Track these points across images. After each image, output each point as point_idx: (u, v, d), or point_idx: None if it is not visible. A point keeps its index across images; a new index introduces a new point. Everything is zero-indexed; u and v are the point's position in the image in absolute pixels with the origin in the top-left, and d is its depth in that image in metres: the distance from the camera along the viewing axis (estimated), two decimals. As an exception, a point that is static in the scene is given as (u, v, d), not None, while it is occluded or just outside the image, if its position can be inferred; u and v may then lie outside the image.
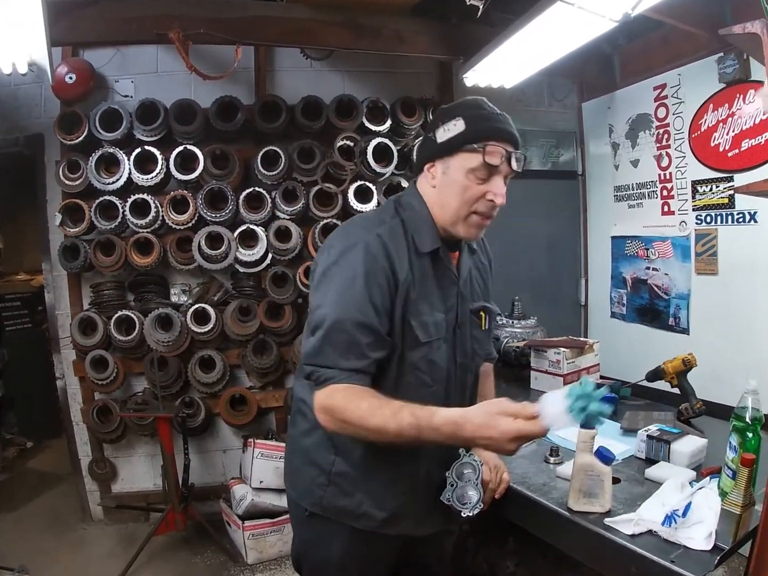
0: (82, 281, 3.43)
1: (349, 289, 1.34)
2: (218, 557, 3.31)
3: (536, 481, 1.81)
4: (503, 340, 2.96)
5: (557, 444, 1.99)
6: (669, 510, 1.43)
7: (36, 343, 4.60)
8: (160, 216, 3.20)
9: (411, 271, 1.42)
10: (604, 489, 1.56)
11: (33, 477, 4.36)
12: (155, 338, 3.17)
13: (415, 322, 1.43)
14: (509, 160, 1.40)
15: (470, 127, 1.37)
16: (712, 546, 1.36)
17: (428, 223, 1.47)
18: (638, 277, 3.55)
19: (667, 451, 1.81)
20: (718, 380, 2.72)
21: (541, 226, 3.94)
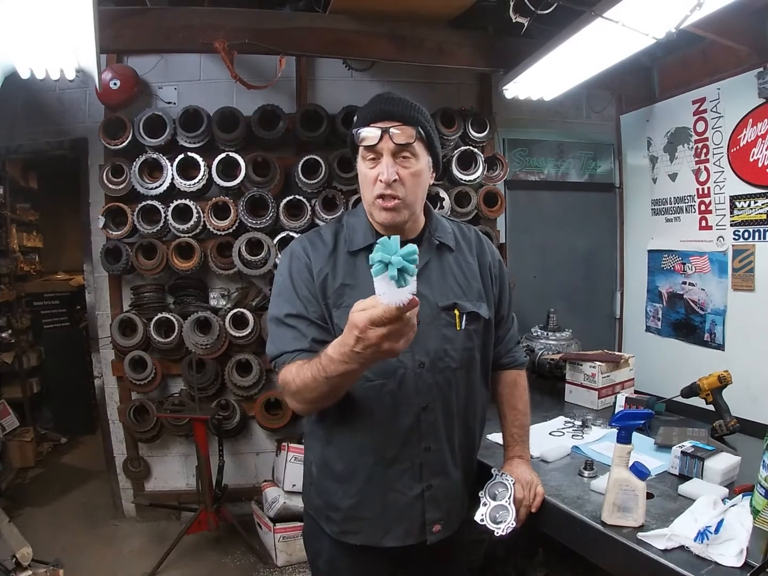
0: (122, 283, 3.51)
1: (281, 290, 1.52)
2: (248, 558, 3.35)
3: (570, 494, 1.82)
4: (538, 352, 2.97)
5: (592, 458, 1.99)
6: (702, 526, 1.43)
7: (73, 342, 4.72)
8: (202, 221, 3.25)
9: (330, 266, 1.51)
10: (638, 503, 1.56)
11: (67, 472, 4.45)
12: (194, 341, 3.22)
13: (337, 312, 1.48)
14: (389, 135, 1.42)
15: (356, 119, 1.47)
16: (743, 563, 1.36)
17: (363, 222, 1.56)
18: (674, 291, 3.53)
19: (701, 468, 1.81)
20: (753, 398, 2.70)
21: (577, 238, 3.93)
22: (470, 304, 1.58)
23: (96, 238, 3.46)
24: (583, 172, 3.98)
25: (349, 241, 1.54)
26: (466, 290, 1.60)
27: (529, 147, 3.89)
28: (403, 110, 1.43)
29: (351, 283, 1.50)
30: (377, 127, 1.41)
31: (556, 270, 3.87)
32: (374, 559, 1.62)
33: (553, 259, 3.84)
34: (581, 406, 2.63)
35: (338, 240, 1.55)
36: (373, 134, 1.41)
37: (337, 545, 1.60)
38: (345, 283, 1.50)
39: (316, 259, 1.51)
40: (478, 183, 3.53)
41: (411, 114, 1.44)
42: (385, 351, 1.16)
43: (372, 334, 1.14)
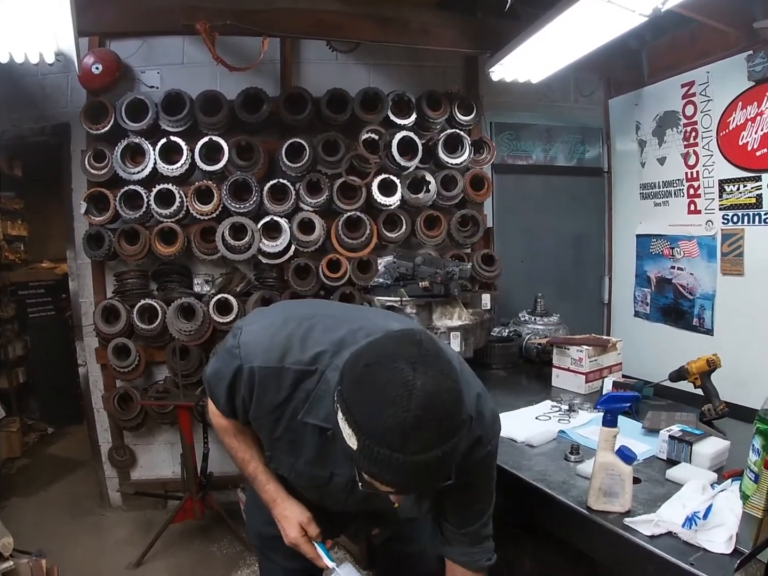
0: (105, 270, 3.46)
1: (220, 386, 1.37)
2: (234, 546, 3.33)
3: (556, 478, 1.80)
4: (525, 337, 2.95)
5: (578, 442, 1.97)
6: (689, 512, 1.41)
7: (59, 331, 4.67)
8: (185, 206, 3.20)
9: (273, 419, 1.32)
10: (625, 488, 1.54)
11: (53, 462, 4.42)
12: (177, 327, 3.18)
13: (268, 454, 1.43)
14: None
15: (360, 456, 1.04)
16: (732, 550, 1.34)
17: (332, 403, 1.16)
18: (663, 276, 3.52)
19: (689, 453, 1.79)
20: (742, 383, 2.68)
21: (565, 222, 3.92)
22: (408, 504, 1.36)
23: (79, 225, 3.41)
24: (571, 156, 3.96)
25: (310, 407, 1.27)
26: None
27: (516, 131, 3.86)
28: (437, 479, 1.09)
29: (291, 439, 1.34)
30: (398, 492, 1.14)
31: (544, 254, 3.86)
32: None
33: (540, 244, 3.83)
34: (568, 391, 2.61)
35: (297, 390, 1.27)
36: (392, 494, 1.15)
37: None
38: (283, 437, 1.34)
39: (258, 405, 1.31)
40: (465, 166, 3.49)
41: (449, 475, 1.11)
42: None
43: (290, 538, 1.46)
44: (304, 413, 1.27)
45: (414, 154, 3.32)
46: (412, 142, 3.30)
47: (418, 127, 3.42)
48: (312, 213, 3.25)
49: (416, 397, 0.98)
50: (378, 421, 0.99)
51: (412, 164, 3.31)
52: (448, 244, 3.59)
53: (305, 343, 1.28)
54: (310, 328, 1.29)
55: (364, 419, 1.02)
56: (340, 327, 1.31)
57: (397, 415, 0.98)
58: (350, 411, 1.04)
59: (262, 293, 3.23)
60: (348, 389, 1.06)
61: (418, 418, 0.98)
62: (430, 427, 1.00)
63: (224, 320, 3.18)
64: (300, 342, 1.28)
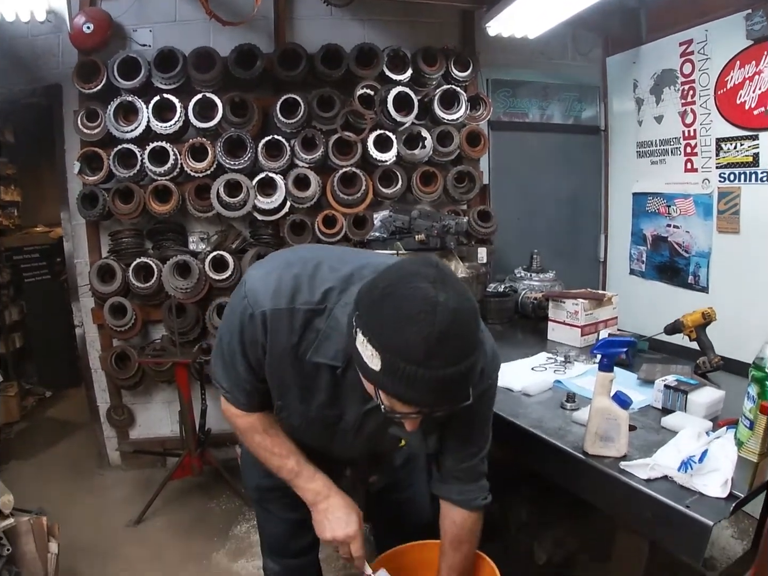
0: (100, 230, 3.44)
1: (227, 354, 1.35)
2: (233, 502, 3.37)
3: (552, 425, 1.82)
4: (521, 293, 2.95)
5: (574, 391, 1.99)
6: (685, 456, 1.43)
7: (54, 295, 4.66)
8: (179, 164, 3.18)
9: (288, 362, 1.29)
10: (621, 433, 1.56)
11: (52, 425, 4.45)
12: (173, 285, 3.17)
13: (279, 403, 1.39)
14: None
15: (383, 376, 1.05)
16: (728, 494, 1.37)
17: (340, 340, 1.22)
18: (659, 234, 3.52)
19: (684, 402, 1.81)
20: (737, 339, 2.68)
21: (561, 180, 3.90)
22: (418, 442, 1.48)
23: (72, 185, 3.39)
24: (568, 114, 3.92)
25: (317, 346, 1.26)
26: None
27: (513, 88, 3.81)
28: (462, 394, 1.09)
29: (303, 385, 1.33)
30: (419, 413, 1.13)
31: (540, 212, 3.85)
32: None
33: (537, 202, 3.82)
34: (564, 344, 2.63)
35: (308, 330, 1.26)
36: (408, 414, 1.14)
37: None
38: (296, 384, 1.33)
39: (273, 350, 1.28)
40: (461, 122, 3.46)
41: (468, 393, 1.11)
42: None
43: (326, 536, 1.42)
44: (312, 352, 1.26)
45: (410, 109, 3.29)
46: (408, 98, 3.26)
47: (413, 83, 3.38)
48: (307, 169, 3.23)
49: (440, 313, 0.99)
50: (403, 337, 1.00)
51: (407, 120, 3.28)
52: (444, 201, 3.58)
53: (313, 283, 1.26)
54: (316, 268, 1.28)
55: (388, 336, 1.02)
56: (346, 265, 1.30)
57: (423, 330, 0.98)
58: (372, 331, 1.04)
59: (258, 250, 3.22)
60: (368, 311, 1.07)
61: (443, 333, 0.99)
62: (454, 341, 1.01)
63: (220, 277, 3.18)
64: (308, 282, 1.26)
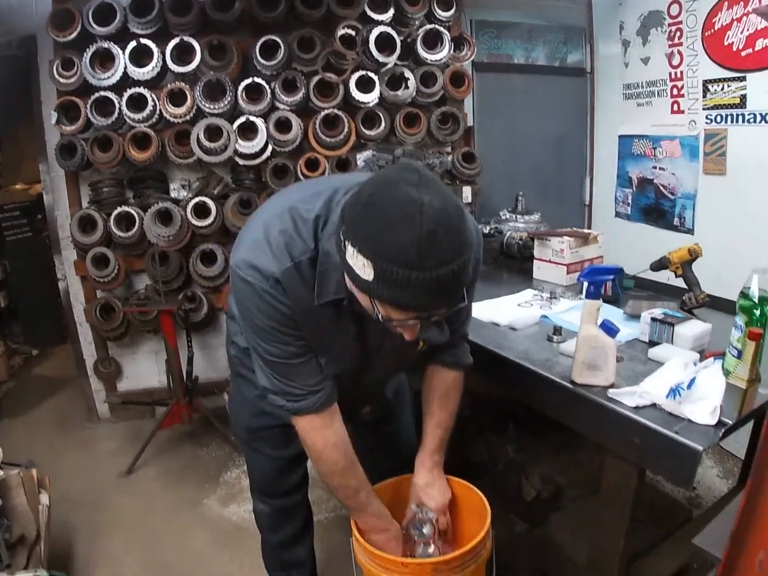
0: (80, 180, 3.38)
1: (264, 332, 1.30)
2: (223, 449, 3.39)
3: (539, 357, 1.82)
4: (506, 233, 2.93)
5: (560, 325, 1.99)
6: (673, 384, 1.42)
7: (37, 252, 4.59)
8: (158, 110, 3.10)
9: (312, 313, 1.28)
10: (608, 362, 1.55)
11: (40, 383, 4.43)
12: (155, 233, 3.14)
13: (323, 360, 1.39)
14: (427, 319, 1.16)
15: (376, 284, 1.04)
16: (717, 421, 1.37)
17: (338, 271, 1.20)
18: (644, 176, 3.50)
19: (671, 334, 1.81)
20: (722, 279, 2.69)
21: (546, 123, 3.86)
22: (436, 334, 1.46)
23: (50, 137, 3.31)
24: (553, 56, 3.87)
25: (319, 289, 1.25)
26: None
27: (497, 29, 3.74)
28: (457, 294, 1.10)
29: (333, 329, 1.34)
30: (417, 318, 1.13)
31: (525, 155, 3.82)
32: None
33: (522, 144, 3.78)
34: (549, 282, 2.62)
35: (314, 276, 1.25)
36: (406, 322, 1.14)
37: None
38: (328, 331, 1.33)
39: (300, 309, 1.27)
40: (444, 63, 3.39)
41: (463, 294, 1.12)
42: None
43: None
44: (317, 296, 1.25)
45: (392, 50, 3.22)
46: (390, 38, 3.19)
47: (396, 23, 3.30)
48: (288, 112, 3.17)
49: (426, 213, 0.98)
50: (392, 241, 0.99)
51: (390, 60, 3.21)
52: (428, 142, 3.53)
53: (299, 229, 1.23)
54: (294, 216, 1.25)
55: (378, 243, 1.01)
56: (318, 198, 1.27)
57: (412, 232, 0.98)
58: (361, 241, 1.03)
59: (240, 195, 3.18)
60: (354, 222, 1.05)
61: (431, 233, 0.98)
62: (444, 240, 1.00)
63: (202, 224, 3.14)
64: (294, 230, 1.23)
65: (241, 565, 2.54)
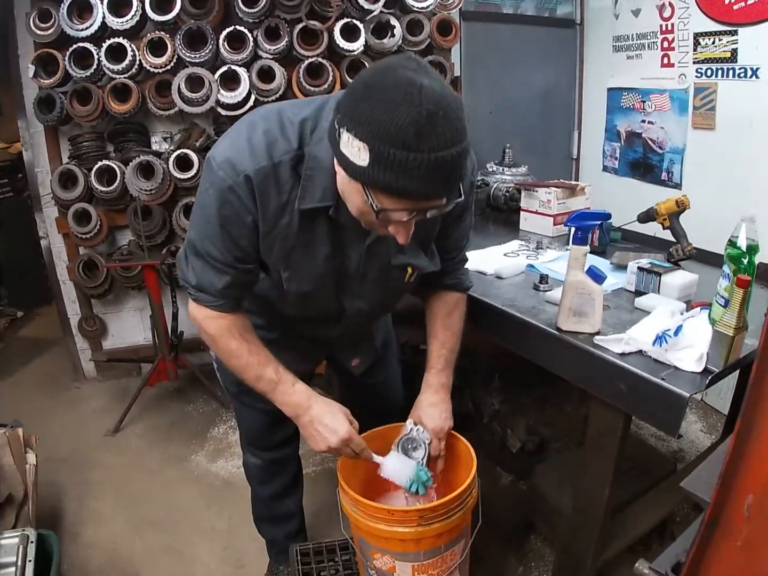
0: (59, 135, 3.30)
1: (207, 227, 1.26)
2: (210, 405, 3.40)
3: (525, 304, 1.81)
4: (493, 185, 2.91)
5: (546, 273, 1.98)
6: (660, 331, 1.42)
7: (19, 213, 4.50)
8: (137, 60, 3.02)
9: (284, 224, 1.25)
10: (595, 308, 1.54)
11: (26, 344, 4.39)
12: (138, 187, 3.08)
13: (286, 274, 1.34)
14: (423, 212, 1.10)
15: (372, 169, 1.01)
16: (703, 368, 1.37)
17: (325, 171, 1.18)
18: (633, 130, 3.47)
19: (658, 284, 1.80)
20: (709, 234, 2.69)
21: (535, 75, 3.80)
22: (425, 262, 1.44)
23: (28, 92, 3.22)
24: (543, 7, 3.78)
25: (303, 193, 1.20)
26: (423, 243, 1.43)
27: (485, -21, 3.66)
28: (455, 183, 1.07)
29: (305, 243, 1.28)
30: (411, 209, 1.08)
31: (513, 107, 3.76)
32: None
33: (509, 96, 3.72)
34: (536, 233, 2.61)
35: (294, 180, 1.21)
36: (402, 214, 1.09)
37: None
38: (298, 244, 1.28)
39: (266, 217, 1.23)
40: (431, 11, 3.31)
41: (459, 185, 1.09)
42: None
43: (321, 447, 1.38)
44: (299, 200, 1.21)
45: (378, -4, 3.14)
46: (376, -16, 3.11)
47: (381, -31, 3.21)
48: (271, 60, 3.09)
49: (426, 95, 0.96)
50: (390, 121, 0.96)
51: (375, 8, 3.12)
52: (414, 92, 3.44)
53: (285, 131, 1.19)
54: (282, 118, 1.21)
55: (376, 123, 0.97)
56: (310, 104, 1.25)
57: (410, 111, 0.95)
58: (358, 123, 1.00)
59: (223, 147, 3.12)
60: (352, 106, 1.02)
61: (431, 113, 0.96)
62: (443, 123, 0.98)
63: (185, 176, 3.09)
64: (279, 131, 1.19)
65: (229, 519, 2.56)
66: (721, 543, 0.93)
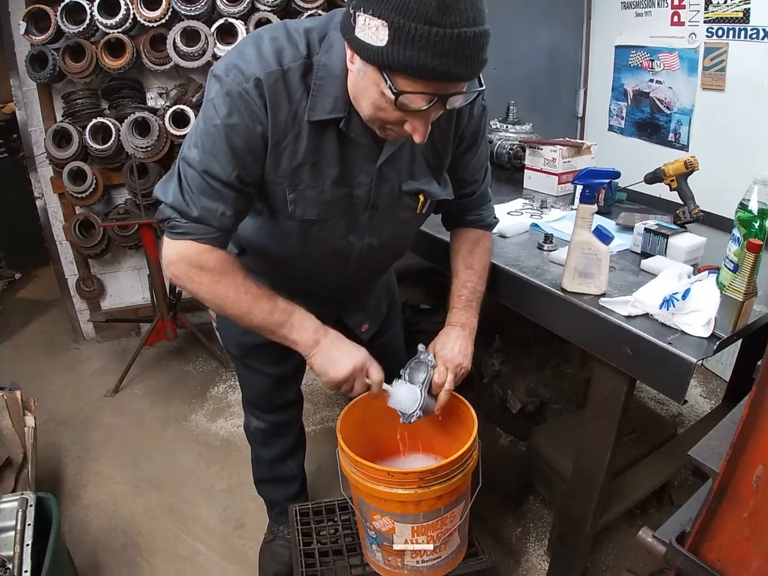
0: (53, 93, 3.24)
1: (208, 139, 1.16)
2: (209, 364, 3.40)
3: (529, 264, 1.77)
4: (496, 143, 2.85)
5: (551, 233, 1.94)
6: (667, 294, 1.38)
7: (14, 174, 4.44)
8: (131, 14, 2.93)
9: (292, 137, 1.18)
10: (601, 269, 1.50)
11: (24, 306, 4.37)
12: (133, 144, 3.02)
13: (292, 196, 1.26)
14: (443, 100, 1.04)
15: (391, 47, 0.96)
16: (711, 333, 1.33)
17: (335, 79, 1.14)
18: (640, 89, 3.38)
19: (665, 246, 1.75)
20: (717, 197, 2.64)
21: (541, 31, 3.69)
22: (437, 189, 1.39)
23: (21, 50, 3.15)
24: (550, -40, 3.66)
25: (312, 103, 1.15)
26: (435, 169, 1.38)
27: (491, -69, 3.52)
28: (477, 65, 1.02)
29: (313, 161, 1.22)
30: (432, 93, 1.02)
31: (518, 63, 3.65)
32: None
33: (515, 52, 3.61)
34: (540, 192, 2.56)
35: (304, 90, 1.16)
36: (425, 100, 1.03)
37: None
38: (305, 161, 1.21)
39: (276, 127, 1.15)
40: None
41: (482, 67, 1.05)
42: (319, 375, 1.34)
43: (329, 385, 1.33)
44: (309, 111, 1.15)
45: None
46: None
47: None
48: (270, 13, 3.00)
49: None
50: None
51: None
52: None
53: (292, 39, 1.15)
54: (289, 28, 1.17)
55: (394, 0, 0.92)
56: (319, 18, 1.21)
57: None
58: (375, 1, 0.94)
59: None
60: None
61: None
62: (466, 0, 0.94)
63: (181, 133, 3.03)
64: (287, 39, 1.14)
65: (229, 478, 2.58)
66: (727, 513, 0.92)
